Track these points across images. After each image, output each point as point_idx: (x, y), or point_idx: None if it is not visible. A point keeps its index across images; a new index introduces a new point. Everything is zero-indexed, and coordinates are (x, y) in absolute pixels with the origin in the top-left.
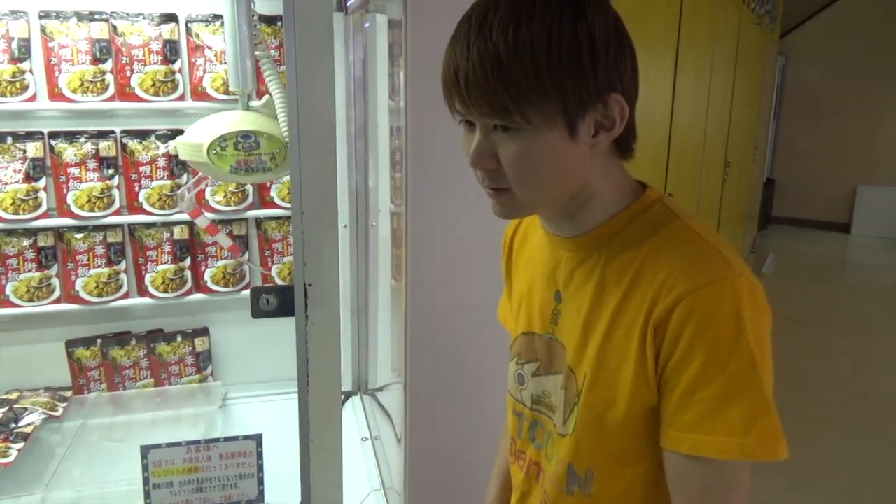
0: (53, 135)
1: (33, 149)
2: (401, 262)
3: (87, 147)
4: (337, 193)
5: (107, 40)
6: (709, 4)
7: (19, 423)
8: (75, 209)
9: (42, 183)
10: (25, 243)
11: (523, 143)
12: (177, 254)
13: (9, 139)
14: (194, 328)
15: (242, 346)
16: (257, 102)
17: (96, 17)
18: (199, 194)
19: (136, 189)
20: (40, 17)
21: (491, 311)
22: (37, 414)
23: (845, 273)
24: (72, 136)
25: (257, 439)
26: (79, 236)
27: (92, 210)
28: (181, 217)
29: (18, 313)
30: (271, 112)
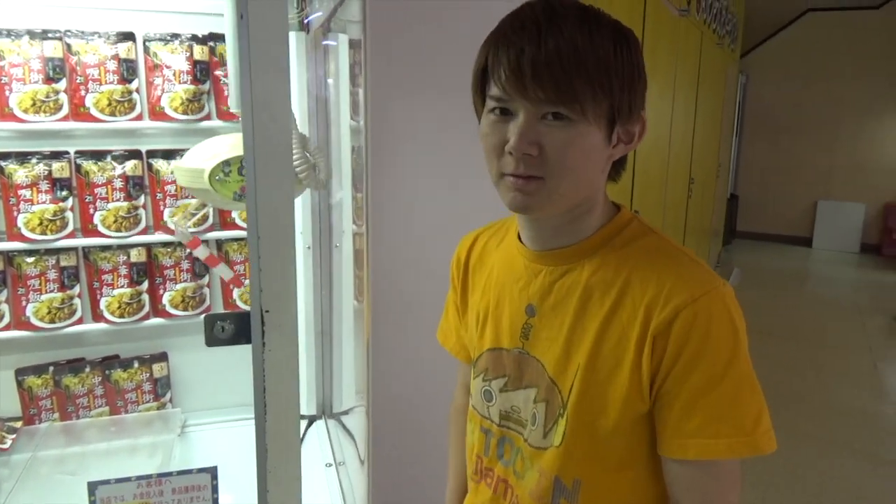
0: (3, 156)
1: None
2: (363, 282)
3: (40, 168)
4: (294, 218)
5: (61, 59)
6: (671, 26)
7: None
8: (26, 232)
9: None
10: None
11: (571, 134)
12: (133, 277)
13: None
14: (152, 353)
15: (202, 371)
16: None
17: (49, 35)
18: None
19: (91, 211)
20: None
21: None
22: None
23: (808, 286)
24: (23, 157)
25: (212, 472)
26: (30, 260)
27: (44, 233)
28: (139, 239)
29: None
30: None
